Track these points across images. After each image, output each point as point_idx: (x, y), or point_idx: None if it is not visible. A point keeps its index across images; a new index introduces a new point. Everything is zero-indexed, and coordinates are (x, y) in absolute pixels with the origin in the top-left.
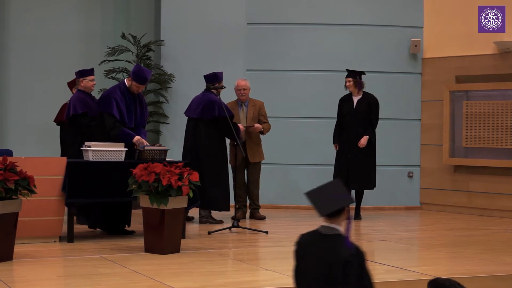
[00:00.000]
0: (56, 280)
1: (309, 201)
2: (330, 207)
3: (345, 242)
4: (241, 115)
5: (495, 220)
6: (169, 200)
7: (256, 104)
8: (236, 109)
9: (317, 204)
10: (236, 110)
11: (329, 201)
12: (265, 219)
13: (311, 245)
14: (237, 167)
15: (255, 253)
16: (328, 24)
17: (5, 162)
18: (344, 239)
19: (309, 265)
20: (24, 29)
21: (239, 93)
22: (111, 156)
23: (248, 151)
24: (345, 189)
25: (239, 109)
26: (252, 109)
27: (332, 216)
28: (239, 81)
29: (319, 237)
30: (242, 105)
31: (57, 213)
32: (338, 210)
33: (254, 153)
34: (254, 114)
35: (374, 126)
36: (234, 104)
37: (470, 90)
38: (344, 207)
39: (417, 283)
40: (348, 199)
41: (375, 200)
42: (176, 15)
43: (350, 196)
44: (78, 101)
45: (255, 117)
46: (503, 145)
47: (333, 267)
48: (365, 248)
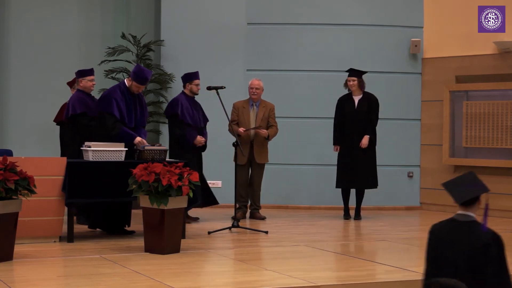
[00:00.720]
0: (56, 280)
1: (446, 190)
2: (467, 195)
3: (482, 227)
4: (251, 115)
5: (495, 220)
6: (169, 200)
7: (267, 106)
8: (246, 108)
9: (454, 193)
10: (246, 109)
11: (465, 190)
12: (265, 219)
13: (449, 233)
14: (240, 166)
15: (255, 253)
16: (328, 24)
17: (5, 162)
18: (481, 225)
19: (448, 252)
20: (24, 29)
21: (251, 92)
22: (111, 156)
23: (255, 151)
24: (479, 179)
25: (249, 109)
26: (262, 110)
27: (468, 204)
28: (253, 80)
29: (457, 225)
30: (254, 105)
31: (57, 213)
32: (474, 198)
33: (260, 154)
34: (264, 115)
35: (374, 125)
36: (246, 103)
37: (470, 90)
38: (479, 195)
39: (417, 283)
40: (484, 188)
41: (375, 200)
42: (176, 15)
43: (485, 186)
44: (77, 101)
45: (264, 119)
46: (503, 145)
47: (474, 251)
48: (365, 248)
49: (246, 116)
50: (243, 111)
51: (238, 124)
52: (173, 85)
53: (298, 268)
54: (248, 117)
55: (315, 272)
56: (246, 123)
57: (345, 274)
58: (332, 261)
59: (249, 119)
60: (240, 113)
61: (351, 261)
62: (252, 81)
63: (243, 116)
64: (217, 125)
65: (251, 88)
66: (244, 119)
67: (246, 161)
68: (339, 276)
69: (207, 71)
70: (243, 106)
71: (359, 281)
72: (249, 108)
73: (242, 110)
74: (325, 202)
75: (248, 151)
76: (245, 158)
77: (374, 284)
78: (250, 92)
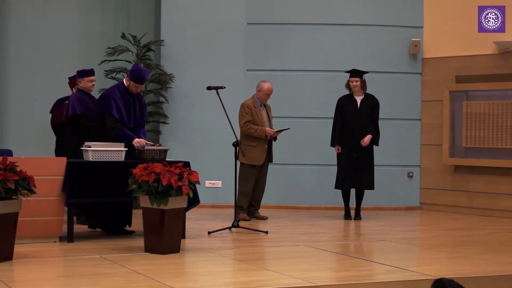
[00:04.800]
0: (56, 280)
1: None
2: None
3: None
4: (264, 116)
5: (495, 220)
6: (169, 200)
7: (267, 106)
8: (257, 108)
9: None
10: (257, 109)
11: None
12: (267, 219)
13: None
14: (253, 167)
15: (255, 253)
16: (328, 24)
17: (5, 162)
18: None
19: None
20: (24, 29)
21: (267, 97)
22: (111, 156)
23: (272, 152)
24: None
25: (260, 109)
26: (268, 110)
27: None
28: (269, 85)
29: None
30: (262, 105)
31: (57, 213)
32: None
33: (272, 154)
34: (270, 115)
35: (377, 126)
36: (254, 103)
37: (470, 90)
38: None
39: (417, 283)
40: None
41: (375, 200)
42: (176, 15)
43: None
44: (77, 101)
45: (271, 118)
46: (503, 145)
47: None
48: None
49: (260, 116)
50: (256, 111)
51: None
52: (173, 85)
53: (298, 268)
54: (261, 117)
55: (315, 272)
56: (261, 123)
57: (345, 274)
58: (332, 261)
59: (263, 119)
60: (254, 113)
61: (351, 261)
62: (269, 85)
63: (257, 116)
64: (217, 125)
65: (267, 94)
66: (259, 119)
67: (263, 160)
68: (339, 276)
69: (207, 71)
70: (254, 106)
71: (358, 281)
72: (259, 108)
73: (254, 110)
74: (325, 202)
75: (266, 151)
76: (263, 158)
77: (374, 284)
78: (264, 96)
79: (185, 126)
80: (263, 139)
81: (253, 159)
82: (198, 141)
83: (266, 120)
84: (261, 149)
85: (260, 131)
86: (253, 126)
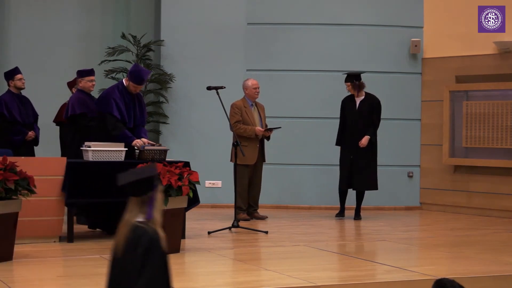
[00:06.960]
0: (56, 280)
1: None
2: None
3: None
4: (255, 115)
5: (495, 220)
6: (169, 200)
7: (260, 105)
8: (248, 108)
9: None
10: (248, 108)
11: None
12: (266, 219)
13: None
14: (245, 167)
15: (255, 253)
16: (328, 24)
17: (5, 162)
18: None
19: None
20: (24, 29)
21: (255, 92)
22: (111, 156)
23: (264, 151)
24: None
25: (251, 109)
26: (260, 110)
27: None
28: (253, 80)
29: None
30: (253, 105)
31: (57, 213)
32: None
33: (264, 153)
34: (262, 115)
35: (376, 126)
36: (245, 103)
37: (470, 90)
38: None
39: (417, 283)
40: None
41: (375, 200)
42: (176, 15)
43: None
44: (77, 101)
45: (264, 118)
46: (503, 145)
47: None
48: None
49: (250, 116)
50: (246, 111)
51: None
52: (173, 85)
53: (298, 268)
54: (252, 116)
55: (315, 272)
56: (252, 123)
57: (345, 274)
58: (332, 261)
59: (254, 118)
60: (244, 113)
61: (351, 261)
62: (252, 81)
63: (248, 116)
64: (217, 125)
65: (254, 88)
66: (249, 119)
67: (255, 160)
68: (339, 276)
69: (207, 71)
70: (244, 106)
71: (359, 281)
72: (250, 108)
73: (244, 110)
74: (325, 202)
75: (258, 151)
76: (255, 158)
77: (374, 284)
78: (252, 92)
79: (185, 126)
80: (255, 139)
81: (245, 159)
82: (198, 141)
83: (257, 119)
84: (253, 148)
85: (249, 131)
86: (242, 126)
